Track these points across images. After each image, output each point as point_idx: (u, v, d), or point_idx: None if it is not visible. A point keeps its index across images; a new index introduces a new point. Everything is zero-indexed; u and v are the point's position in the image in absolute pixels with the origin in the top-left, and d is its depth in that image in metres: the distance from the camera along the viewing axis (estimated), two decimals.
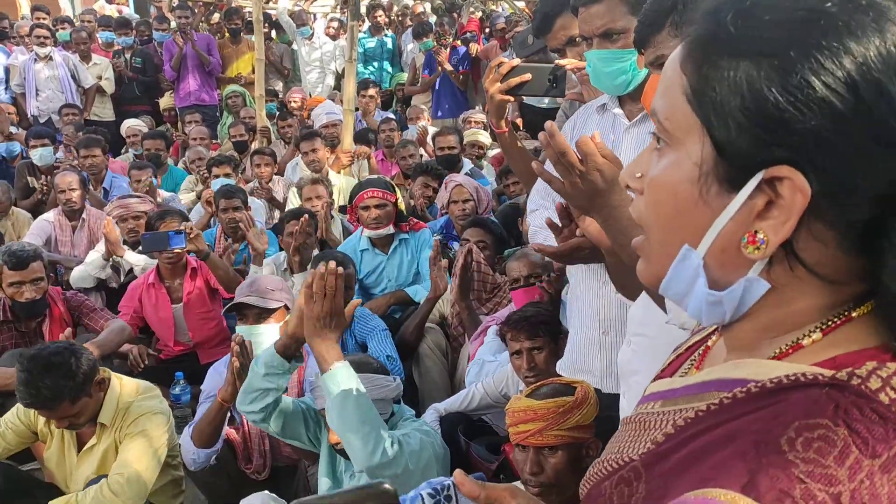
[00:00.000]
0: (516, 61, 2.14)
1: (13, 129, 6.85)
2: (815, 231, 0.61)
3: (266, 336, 2.95)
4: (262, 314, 2.98)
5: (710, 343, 0.81)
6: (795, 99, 0.59)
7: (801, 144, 0.59)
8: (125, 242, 4.70)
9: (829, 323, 0.64)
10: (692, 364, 0.82)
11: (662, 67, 1.58)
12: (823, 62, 0.58)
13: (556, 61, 2.19)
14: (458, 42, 8.23)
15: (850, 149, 0.58)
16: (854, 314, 0.64)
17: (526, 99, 5.56)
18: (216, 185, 5.21)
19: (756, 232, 0.62)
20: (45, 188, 5.78)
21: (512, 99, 2.20)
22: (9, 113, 7.42)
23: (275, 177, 6.07)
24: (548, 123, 1.37)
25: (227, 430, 2.96)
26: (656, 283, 0.72)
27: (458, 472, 0.92)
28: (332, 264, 2.13)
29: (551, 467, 1.95)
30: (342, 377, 2.10)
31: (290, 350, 2.26)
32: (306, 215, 4.00)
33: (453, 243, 4.45)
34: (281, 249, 4.42)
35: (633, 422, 0.78)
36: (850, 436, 0.55)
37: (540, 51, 2.81)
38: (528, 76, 2.11)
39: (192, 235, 3.82)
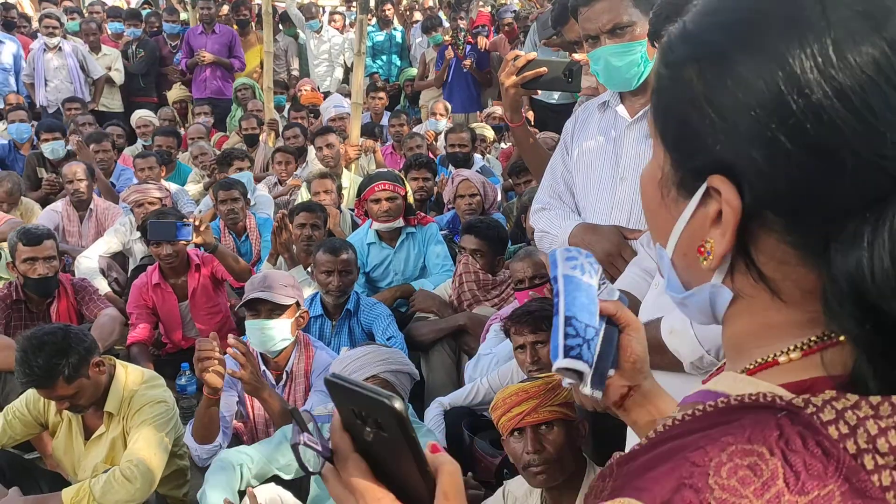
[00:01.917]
0: (532, 55, 2.13)
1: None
2: (767, 244, 0.58)
3: (277, 331, 2.94)
4: (276, 309, 2.97)
5: None
6: (718, 106, 0.57)
7: (726, 155, 0.57)
8: (138, 229, 4.73)
9: (813, 343, 0.59)
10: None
11: None
12: (748, 68, 0.55)
13: (572, 56, 2.18)
14: (471, 38, 8.21)
15: (781, 160, 0.54)
16: (842, 338, 0.57)
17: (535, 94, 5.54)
18: None
19: (706, 241, 0.60)
20: (54, 184, 5.80)
21: (527, 93, 2.18)
22: (18, 103, 7.45)
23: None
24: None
25: (236, 424, 2.97)
26: None
27: None
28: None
29: (551, 443, 2.02)
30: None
31: None
32: (283, 212, 4.03)
33: (459, 238, 4.44)
34: None
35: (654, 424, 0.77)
36: (782, 467, 0.52)
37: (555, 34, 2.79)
38: (544, 70, 2.09)
39: (201, 228, 3.81)
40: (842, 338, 0.57)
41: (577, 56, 2.19)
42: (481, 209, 4.56)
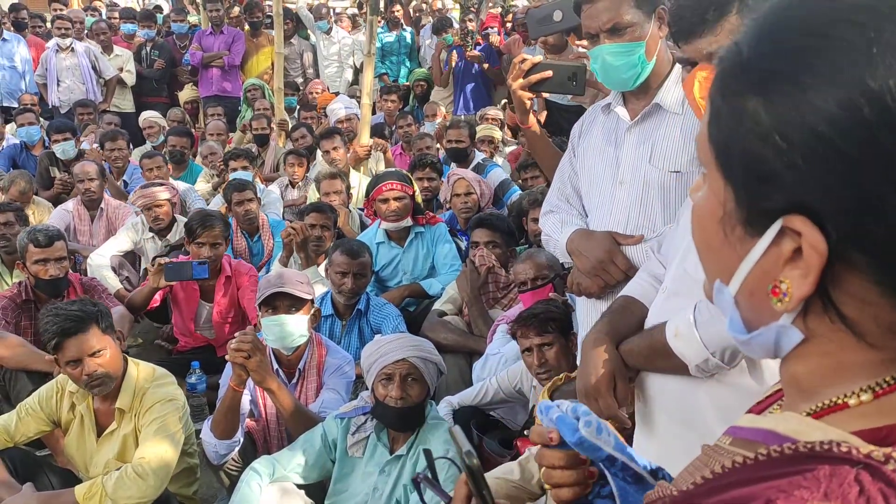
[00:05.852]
0: (539, 58, 2.17)
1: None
2: (850, 284, 0.53)
3: (295, 326, 2.96)
4: (295, 304, 2.99)
5: None
6: (794, 141, 0.52)
7: (808, 192, 0.52)
8: (150, 230, 4.78)
9: (884, 384, 0.55)
10: (779, 405, 0.73)
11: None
12: (825, 96, 0.51)
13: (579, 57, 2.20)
14: (480, 38, 8.22)
15: (866, 193, 0.50)
16: None
17: (549, 96, 5.54)
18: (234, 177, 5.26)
19: (781, 282, 0.55)
20: (66, 184, 5.83)
21: (533, 95, 2.21)
22: (32, 104, 7.50)
23: None
24: None
25: (248, 423, 2.98)
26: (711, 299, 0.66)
27: None
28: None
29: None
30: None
31: None
32: (298, 222, 4.07)
33: (462, 235, 4.46)
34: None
35: (705, 452, 0.72)
36: None
37: (561, 32, 2.81)
38: (549, 73, 2.14)
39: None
40: None
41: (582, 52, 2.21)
42: (477, 207, 4.57)
